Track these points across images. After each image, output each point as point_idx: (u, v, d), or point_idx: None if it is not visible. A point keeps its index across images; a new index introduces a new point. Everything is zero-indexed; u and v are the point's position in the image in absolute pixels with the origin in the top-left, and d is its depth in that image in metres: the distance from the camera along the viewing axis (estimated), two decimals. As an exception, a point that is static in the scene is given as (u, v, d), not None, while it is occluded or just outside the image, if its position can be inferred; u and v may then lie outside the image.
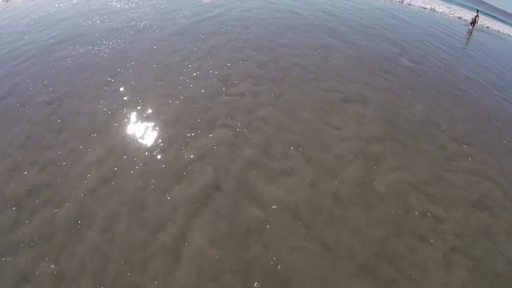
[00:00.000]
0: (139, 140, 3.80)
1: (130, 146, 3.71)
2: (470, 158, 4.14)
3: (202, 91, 4.74)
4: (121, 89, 4.79)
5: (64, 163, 3.48)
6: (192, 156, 3.54)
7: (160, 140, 3.78)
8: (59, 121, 4.13)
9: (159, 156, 3.54)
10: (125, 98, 4.58)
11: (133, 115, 4.21)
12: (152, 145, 3.70)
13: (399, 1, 18.11)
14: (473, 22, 15.88)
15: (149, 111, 4.29)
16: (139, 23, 8.27)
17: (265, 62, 5.84)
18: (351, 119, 4.42)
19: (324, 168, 3.54)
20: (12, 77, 5.56)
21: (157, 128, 3.98)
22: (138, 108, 4.35)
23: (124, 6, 10.62)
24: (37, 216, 2.93)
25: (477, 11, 16.81)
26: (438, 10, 18.59)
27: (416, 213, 3.17)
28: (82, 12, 10.50)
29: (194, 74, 5.24)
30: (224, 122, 4.08)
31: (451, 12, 19.54)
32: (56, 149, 3.67)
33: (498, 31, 18.85)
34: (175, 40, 6.86)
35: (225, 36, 7.16)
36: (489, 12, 34.11)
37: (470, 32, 14.53)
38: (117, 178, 3.27)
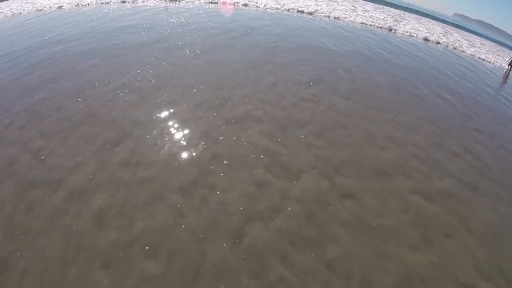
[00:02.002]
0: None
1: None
2: None
3: (231, 213, 2.98)
4: (122, 172, 3.34)
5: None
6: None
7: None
8: (18, 231, 2.64)
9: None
10: (118, 197, 3.07)
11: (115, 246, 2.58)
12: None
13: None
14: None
15: (144, 237, 2.68)
16: (179, 51, 7.05)
17: (327, 129, 4.41)
18: (453, 257, 3.04)
19: None
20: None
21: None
22: (129, 229, 2.76)
23: (159, 23, 9.18)
24: None
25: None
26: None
27: None
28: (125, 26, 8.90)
29: (226, 161, 3.53)
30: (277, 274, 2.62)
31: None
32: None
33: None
34: (211, 83, 5.49)
35: (273, 76, 5.76)
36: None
37: (507, 74, 13.12)
38: None
